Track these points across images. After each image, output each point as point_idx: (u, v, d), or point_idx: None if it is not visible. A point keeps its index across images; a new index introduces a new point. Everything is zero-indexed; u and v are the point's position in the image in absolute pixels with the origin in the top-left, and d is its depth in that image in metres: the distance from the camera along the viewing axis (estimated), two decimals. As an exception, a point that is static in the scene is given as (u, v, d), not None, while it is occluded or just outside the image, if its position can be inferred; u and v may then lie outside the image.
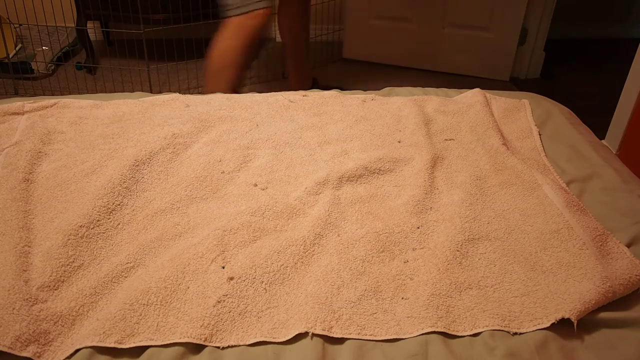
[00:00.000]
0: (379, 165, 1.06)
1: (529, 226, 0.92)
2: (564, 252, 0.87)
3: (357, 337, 0.73)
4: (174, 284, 0.78)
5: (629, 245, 0.89)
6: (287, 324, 0.74)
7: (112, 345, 0.70)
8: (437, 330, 0.74)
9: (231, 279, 0.80)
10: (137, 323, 0.73)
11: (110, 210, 0.90)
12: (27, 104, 1.22)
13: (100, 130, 1.14)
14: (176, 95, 1.28)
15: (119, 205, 0.92)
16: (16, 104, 1.22)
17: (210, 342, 0.72)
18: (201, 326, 0.73)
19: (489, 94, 1.37)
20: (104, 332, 0.71)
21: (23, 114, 1.19)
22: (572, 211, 0.94)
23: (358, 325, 0.74)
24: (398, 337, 0.74)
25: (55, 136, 1.11)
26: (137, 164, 1.01)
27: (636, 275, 0.81)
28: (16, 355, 0.69)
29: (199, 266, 0.82)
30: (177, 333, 0.72)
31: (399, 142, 1.15)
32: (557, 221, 0.92)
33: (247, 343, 0.72)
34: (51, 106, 1.22)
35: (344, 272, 0.82)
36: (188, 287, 0.78)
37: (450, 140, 1.17)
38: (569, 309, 0.75)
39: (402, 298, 0.78)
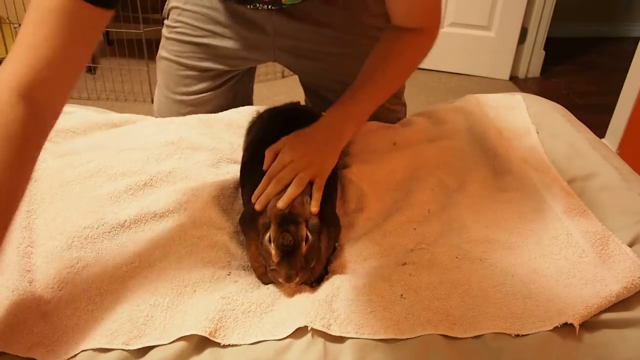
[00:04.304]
0: (373, 167, 1.06)
1: (528, 230, 0.92)
2: (564, 260, 0.86)
3: (355, 337, 0.73)
4: (181, 286, 0.79)
5: (631, 245, 0.89)
6: (287, 322, 0.74)
7: (120, 347, 0.71)
8: (437, 333, 0.74)
9: (236, 282, 0.80)
10: (144, 324, 0.73)
11: (115, 212, 0.90)
12: None
13: (111, 130, 1.14)
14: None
15: (124, 207, 0.92)
16: None
17: (214, 336, 0.72)
18: (205, 319, 0.73)
19: (478, 95, 1.35)
20: (111, 334, 0.71)
21: None
22: (571, 216, 0.94)
23: (356, 324, 0.74)
24: (397, 338, 0.74)
25: (63, 134, 1.11)
26: (143, 166, 1.01)
27: (639, 277, 0.81)
28: (20, 356, 0.70)
29: (206, 269, 0.82)
30: (182, 330, 0.72)
31: (394, 144, 1.15)
32: (555, 227, 0.92)
33: (249, 342, 0.72)
34: (68, 113, 1.21)
35: (344, 271, 0.83)
36: (195, 291, 0.79)
37: (446, 142, 1.16)
38: (572, 314, 0.75)
39: (402, 296, 0.78)
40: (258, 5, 1.13)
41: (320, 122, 0.97)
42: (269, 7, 1.12)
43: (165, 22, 1.26)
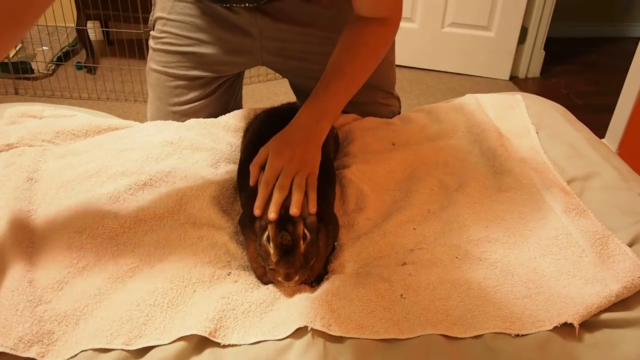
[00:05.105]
0: (373, 167, 1.06)
1: (527, 230, 0.92)
2: (564, 259, 0.86)
3: (355, 336, 0.73)
4: (181, 286, 0.79)
5: (630, 245, 0.89)
6: (287, 322, 0.74)
7: (120, 347, 0.71)
8: (437, 332, 0.74)
9: (236, 282, 0.80)
10: (144, 324, 0.73)
11: (114, 212, 0.90)
12: (47, 109, 1.20)
13: (111, 131, 1.14)
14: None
15: (124, 207, 0.92)
16: (37, 107, 1.20)
17: (214, 336, 0.72)
18: (205, 319, 0.73)
19: (478, 94, 1.35)
20: (110, 334, 0.71)
21: (41, 118, 1.18)
22: (571, 216, 0.94)
23: (356, 324, 0.74)
24: (397, 338, 0.74)
25: (63, 136, 1.11)
26: (142, 166, 1.01)
27: (639, 277, 0.81)
28: (20, 356, 0.69)
29: (206, 269, 0.82)
30: (182, 330, 0.72)
31: (393, 144, 1.15)
32: (555, 227, 0.92)
33: (249, 342, 0.72)
34: (69, 117, 1.21)
35: (344, 271, 0.83)
36: (195, 291, 0.79)
37: (446, 141, 1.16)
38: (572, 314, 0.76)
39: (402, 296, 0.78)
40: (235, 5, 1.12)
41: (297, 120, 0.96)
42: (247, 5, 1.11)
43: (152, 33, 1.26)
